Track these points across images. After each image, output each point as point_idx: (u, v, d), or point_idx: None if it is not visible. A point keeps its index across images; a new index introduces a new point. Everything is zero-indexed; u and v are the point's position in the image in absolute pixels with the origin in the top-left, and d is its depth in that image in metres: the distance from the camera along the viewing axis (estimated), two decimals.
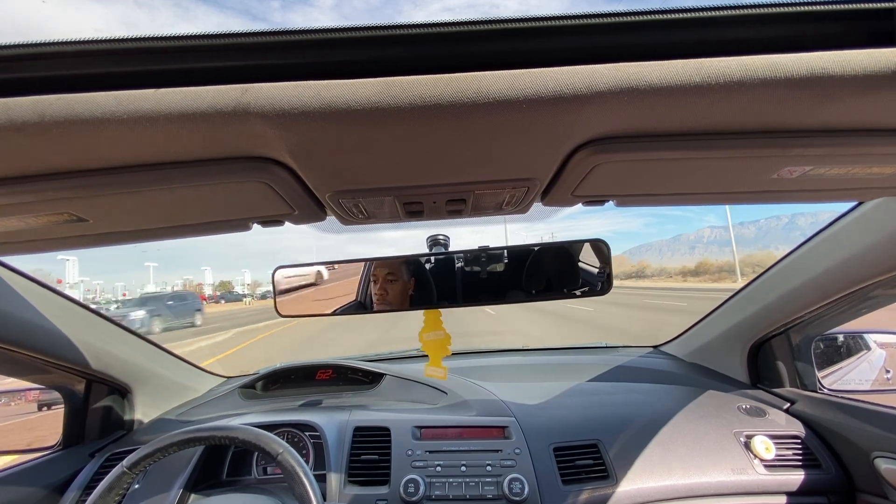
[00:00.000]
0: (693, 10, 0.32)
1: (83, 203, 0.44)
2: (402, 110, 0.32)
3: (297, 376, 1.55)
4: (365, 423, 1.20)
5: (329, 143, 0.37)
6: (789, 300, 1.11)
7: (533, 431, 1.14)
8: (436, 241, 0.88)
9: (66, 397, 1.26)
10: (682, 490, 1.00)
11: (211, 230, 0.58)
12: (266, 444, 0.85)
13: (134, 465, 0.82)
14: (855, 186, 0.52)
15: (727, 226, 73.00)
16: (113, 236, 0.56)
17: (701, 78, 0.32)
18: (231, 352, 8.93)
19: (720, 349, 1.41)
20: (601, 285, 0.82)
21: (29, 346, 1.01)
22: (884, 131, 0.39)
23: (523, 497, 0.99)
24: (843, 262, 0.94)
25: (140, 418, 1.36)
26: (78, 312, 1.15)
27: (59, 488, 1.11)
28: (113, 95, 0.32)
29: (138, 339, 1.35)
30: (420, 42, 0.33)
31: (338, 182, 0.45)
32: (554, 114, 0.34)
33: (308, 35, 0.32)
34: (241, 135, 0.35)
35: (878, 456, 0.97)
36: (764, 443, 1.07)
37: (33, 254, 0.59)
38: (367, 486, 1.06)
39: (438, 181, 0.47)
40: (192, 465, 1.07)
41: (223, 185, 0.43)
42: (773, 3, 0.32)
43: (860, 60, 0.31)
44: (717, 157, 0.42)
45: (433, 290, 0.86)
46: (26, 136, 0.33)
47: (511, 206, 0.57)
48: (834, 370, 1.26)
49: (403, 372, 1.47)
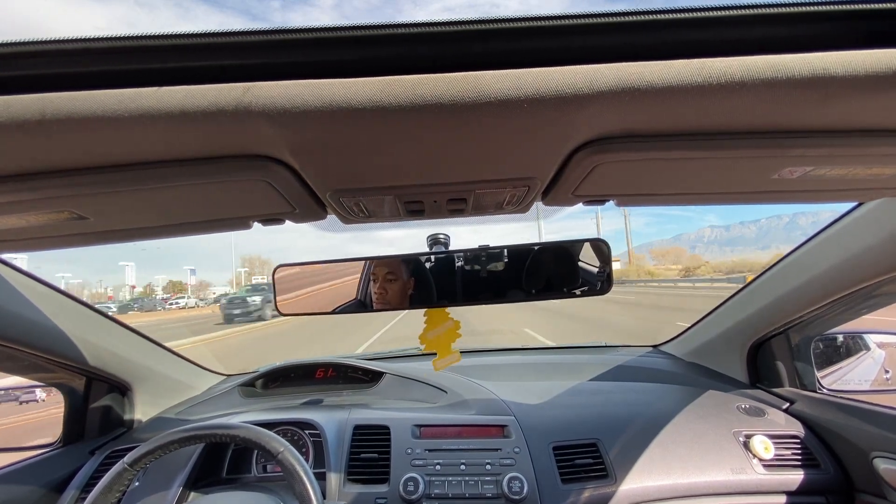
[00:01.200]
0: (694, 10, 0.32)
1: (84, 201, 0.44)
2: (404, 109, 0.32)
3: (297, 374, 1.55)
4: (365, 421, 1.20)
5: (330, 142, 0.37)
6: (789, 300, 1.11)
7: (532, 430, 1.14)
8: (436, 240, 0.88)
9: (67, 395, 1.26)
10: (681, 489, 1.01)
11: (212, 228, 0.58)
12: (266, 442, 0.85)
13: (135, 461, 0.83)
14: (856, 187, 0.52)
15: (727, 225, 71.53)
16: (113, 234, 0.56)
17: (702, 78, 0.32)
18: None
19: (720, 349, 1.41)
20: (601, 285, 0.82)
21: (29, 344, 1.01)
22: (885, 132, 0.39)
23: (522, 496, 0.99)
24: (844, 262, 0.94)
25: (140, 416, 1.37)
26: (78, 310, 1.15)
27: (59, 486, 1.11)
28: (114, 93, 0.32)
29: (138, 336, 1.36)
30: (422, 41, 0.33)
31: (339, 181, 0.45)
32: (555, 113, 0.34)
33: (310, 34, 0.32)
34: (243, 133, 0.35)
35: (876, 456, 0.97)
36: (763, 442, 1.07)
37: (34, 252, 0.60)
38: (367, 485, 1.06)
39: (439, 180, 0.47)
40: (191, 463, 1.07)
41: (224, 183, 0.43)
42: (775, 4, 0.32)
43: (862, 61, 0.31)
44: (717, 158, 0.42)
45: (433, 289, 0.86)
46: (27, 134, 0.33)
47: (512, 206, 0.57)
48: (833, 370, 1.27)
49: (403, 371, 1.47)
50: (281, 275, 0.90)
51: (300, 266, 0.92)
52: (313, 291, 0.90)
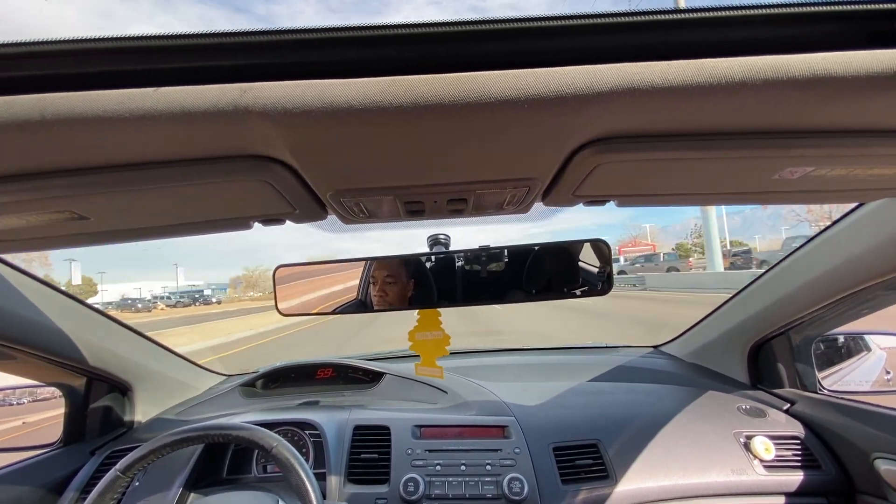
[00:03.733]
0: (695, 10, 0.32)
1: (84, 201, 0.44)
2: (404, 110, 0.32)
3: (298, 375, 1.55)
4: (365, 421, 1.20)
5: (330, 143, 0.37)
6: (790, 301, 1.11)
7: (533, 431, 1.14)
8: (436, 241, 0.88)
9: (67, 395, 1.26)
10: (681, 490, 1.01)
11: (212, 229, 0.58)
12: (259, 438, 0.85)
13: (127, 468, 0.82)
14: (857, 187, 0.52)
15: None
16: (113, 234, 0.56)
17: (703, 78, 0.32)
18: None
19: (720, 349, 1.41)
20: (601, 285, 0.82)
21: (29, 344, 1.01)
22: (886, 132, 0.39)
23: (523, 496, 0.99)
24: (845, 263, 0.94)
25: (140, 416, 1.37)
26: (78, 310, 1.15)
27: (59, 485, 1.11)
28: (114, 94, 0.32)
29: (138, 336, 1.36)
30: (422, 41, 0.33)
31: (339, 181, 0.45)
32: (556, 114, 0.34)
33: (310, 34, 0.32)
34: (243, 134, 0.35)
35: (877, 457, 0.97)
36: (764, 443, 1.07)
37: (34, 252, 0.60)
38: (367, 485, 1.06)
39: (439, 181, 0.47)
40: (191, 464, 1.07)
41: (224, 183, 0.43)
42: (776, 4, 0.32)
43: (863, 61, 0.31)
44: (718, 158, 0.42)
45: (433, 290, 0.86)
46: (27, 135, 0.33)
47: (512, 206, 0.57)
48: (834, 371, 1.26)
49: (403, 371, 1.47)
50: (281, 275, 0.90)
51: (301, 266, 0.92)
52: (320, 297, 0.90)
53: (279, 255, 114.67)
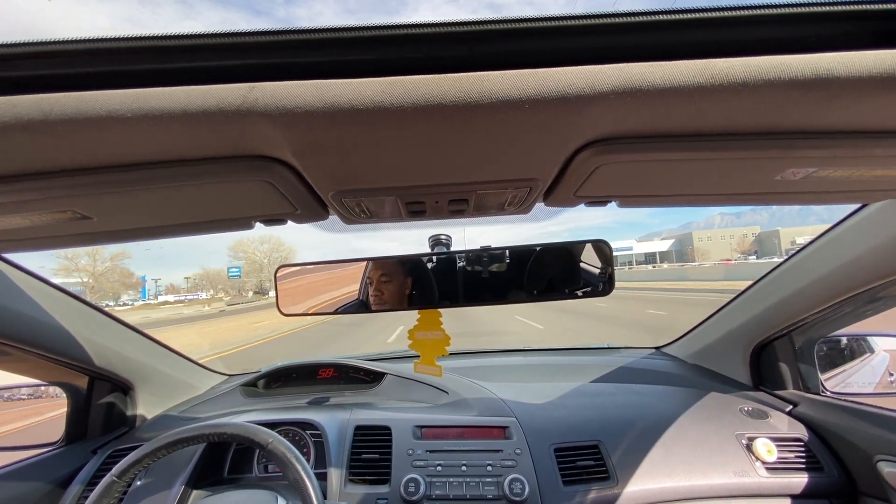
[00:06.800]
0: (697, 10, 0.32)
1: (87, 201, 0.44)
2: (406, 110, 0.32)
3: (299, 375, 1.55)
4: (366, 421, 1.20)
5: (332, 143, 0.37)
6: (793, 302, 1.11)
7: (534, 432, 1.14)
8: (437, 241, 0.88)
9: (69, 394, 1.27)
10: (683, 492, 1.00)
11: (214, 229, 0.58)
12: (254, 434, 0.85)
13: (123, 472, 0.82)
14: (859, 188, 0.52)
15: (738, 212, 68.34)
16: (116, 234, 0.56)
17: (705, 79, 0.31)
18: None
19: (722, 351, 1.40)
20: (603, 286, 0.82)
21: (32, 343, 1.02)
22: (889, 133, 0.38)
23: (523, 497, 0.99)
24: (847, 264, 0.94)
25: (142, 415, 1.37)
26: (81, 309, 1.15)
27: (61, 484, 1.12)
28: (118, 94, 0.32)
29: (141, 336, 1.36)
30: (424, 42, 0.33)
31: (340, 181, 0.45)
32: (557, 114, 0.34)
33: (313, 34, 0.32)
34: (246, 134, 0.35)
35: (881, 459, 0.96)
36: (766, 445, 1.07)
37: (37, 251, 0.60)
38: (368, 485, 1.06)
39: (441, 181, 0.47)
40: (193, 463, 1.07)
41: (227, 183, 0.43)
42: (778, 4, 0.32)
43: (866, 62, 0.31)
44: (720, 159, 0.42)
45: (434, 290, 0.85)
46: (31, 134, 0.33)
47: (513, 207, 0.57)
48: (837, 373, 1.26)
49: (405, 371, 1.47)
50: (282, 274, 0.90)
51: (301, 266, 0.92)
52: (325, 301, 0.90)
53: (304, 255, 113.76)
